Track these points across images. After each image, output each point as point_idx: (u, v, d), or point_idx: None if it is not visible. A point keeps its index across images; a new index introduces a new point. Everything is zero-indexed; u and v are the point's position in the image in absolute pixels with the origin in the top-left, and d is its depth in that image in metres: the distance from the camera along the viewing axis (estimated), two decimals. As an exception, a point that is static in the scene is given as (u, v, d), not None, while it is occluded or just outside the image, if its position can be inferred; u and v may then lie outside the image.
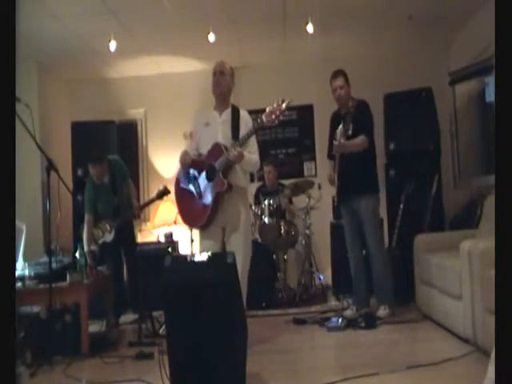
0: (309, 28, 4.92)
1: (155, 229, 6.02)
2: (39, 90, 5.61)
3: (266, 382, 2.82)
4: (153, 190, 5.57)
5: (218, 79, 3.67)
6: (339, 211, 4.44)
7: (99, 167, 4.45)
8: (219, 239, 3.65)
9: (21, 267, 4.02)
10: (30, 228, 4.55)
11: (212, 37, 4.99)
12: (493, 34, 1.77)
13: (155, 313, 4.19)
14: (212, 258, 2.59)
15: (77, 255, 4.04)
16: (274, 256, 5.27)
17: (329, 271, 5.40)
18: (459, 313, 3.25)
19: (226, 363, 2.39)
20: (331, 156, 4.22)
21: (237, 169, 3.59)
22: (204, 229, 3.64)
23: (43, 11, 4.38)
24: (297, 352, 3.45)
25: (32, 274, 3.85)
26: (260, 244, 5.03)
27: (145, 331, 4.01)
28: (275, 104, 3.43)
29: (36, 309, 3.75)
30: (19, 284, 3.70)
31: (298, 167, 6.24)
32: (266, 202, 5.14)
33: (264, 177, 5.68)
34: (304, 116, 6.20)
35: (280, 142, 6.28)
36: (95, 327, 4.24)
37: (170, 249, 5.29)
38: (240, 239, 3.57)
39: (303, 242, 5.44)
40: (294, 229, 5.28)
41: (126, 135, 6.15)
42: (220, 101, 3.71)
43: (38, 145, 3.47)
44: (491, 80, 4.93)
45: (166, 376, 2.52)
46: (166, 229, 5.78)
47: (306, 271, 5.28)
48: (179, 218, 3.93)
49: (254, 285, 3.86)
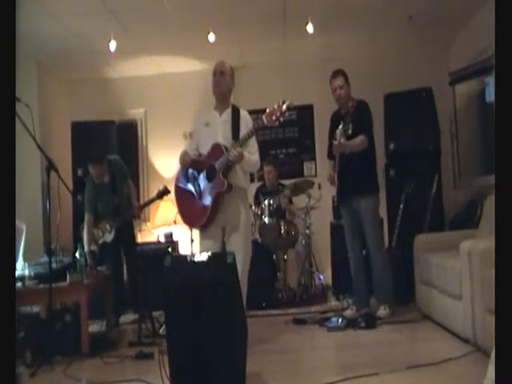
0: (309, 28, 4.92)
1: (155, 229, 6.01)
2: (39, 90, 5.61)
3: (266, 382, 2.82)
4: (153, 190, 5.57)
5: (218, 79, 3.67)
6: (339, 211, 4.44)
7: (99, 167, 4.46)
8: (219, 239, 3.65)
9: (21, 267, 4.02)
10: (30, 228, 4.55)
11: (212, 37, 4.99)
12: (493, 34, 1.77)
13: (155, 313, 4.19)
14: (212, 258, 2.59)
15: (77, 255, 4.05)
16: (274, 256, 5.27)
17: (329, 271, 5.40)
18: (459, 313, 3.25)
19: (226, 363, 2.39)
20: (331, 156, 4.21)
21: (237, 169, 3.59)
22: (204, 229, 3.64)
23: (43, 11, 4.38)
24: (297, 352, 3.45)
25: (32, 274, 3.85)
26: (260, 244, 5.02)
27: (145, 331, 4.01)
28: (276, 105, 3.42)
29: (36, 309, 3.75)
30: (19, 284, 3.70)
31: (298, 167, 6.24)
32: (266, 202, 5.14)
33: (264, 177, 5.68)
34: (304, 116, 6.20)
35: (280, 142, 6.28)
36: (95, 327, 4.24)
37: (170, 249, 5.29)
38: (240, 239, 3.57)
39: (303, 242, 5.44)
40: (294, 229, 5.28)
41: (126, 135, 6.15)
42: (220, 101, 3.71)
43: (38, 145, 3.47)
44: (491, 80, 4.93)
45: (166, 376, 2.52)
46: (166, 229, 5.78)
47: (306, 271, 5.28)
48: (179, 218, 3.93)
49: (254, 285, 3.86)
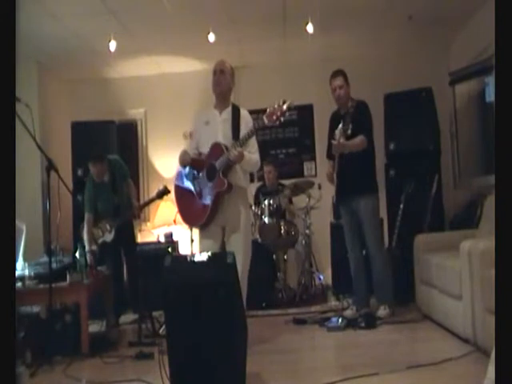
0: (309, 28, 4.92)
1: (155, 229, 6.02)
2: (39, 90, 5.61)
3: (266, 382, 2.82)
4: (153, 190, 5.56)
5: (219, 78, 3.67)
6: (339, 211, 4.44)
7: (99, 165, 4.46)
8: (219, 239, 3.65)
9: (21, 267, 4.02)
10: (30, 228, 4.54)
11: (212, 37, 4.99)
12: (493, 34, 1.77)
13: (155, 313, 4.18)
14: (212, 258, 2.59)
15: (77, 255, 4.04)
16: (274, 256, 5.27)
17: (329, 271, 5.40)
18: (459, 313, 3.25)
19: (226, 363, 2.39)
20: (330, 156, 4.21)
21: (237, 169, 3.59)
22: (204, 228, 3.64)
23: (43, 11, 4.38)
24: (297, 352, 3.45)
25: (32, 274, 3.85)
26: (260, 244, 5.02)
27: (145, 331, 4.00)
28: (276, 105, 3.42)
29: (36, 309, 3.75)
30: (19, 284, 3.70)
31: (298, 167, 6.24)
32: (266, 202, 5.14)
33: (264, 177, 5.67)
34: (304, 116, 6.20)
35: (280, 142, 6.28)
36: (95, 327, 4.24)
37: (170, 249, 5.29)
38: (240, 239, 3.57)
39: (303, 242, 5.44)
40: (294, 229, 5.28)
41: (126, 135, 6.15)
42: (220, 100, 3.72)
43: (38, 145, 3.47)
44: (491, 80, 4.93)
45: (166, 376, 2.52)
46: (166, 229, 5.78)
47: (306, 271, 5.28)
48: (179, 218, 3.93)
49: (254, 285, 3.86)
